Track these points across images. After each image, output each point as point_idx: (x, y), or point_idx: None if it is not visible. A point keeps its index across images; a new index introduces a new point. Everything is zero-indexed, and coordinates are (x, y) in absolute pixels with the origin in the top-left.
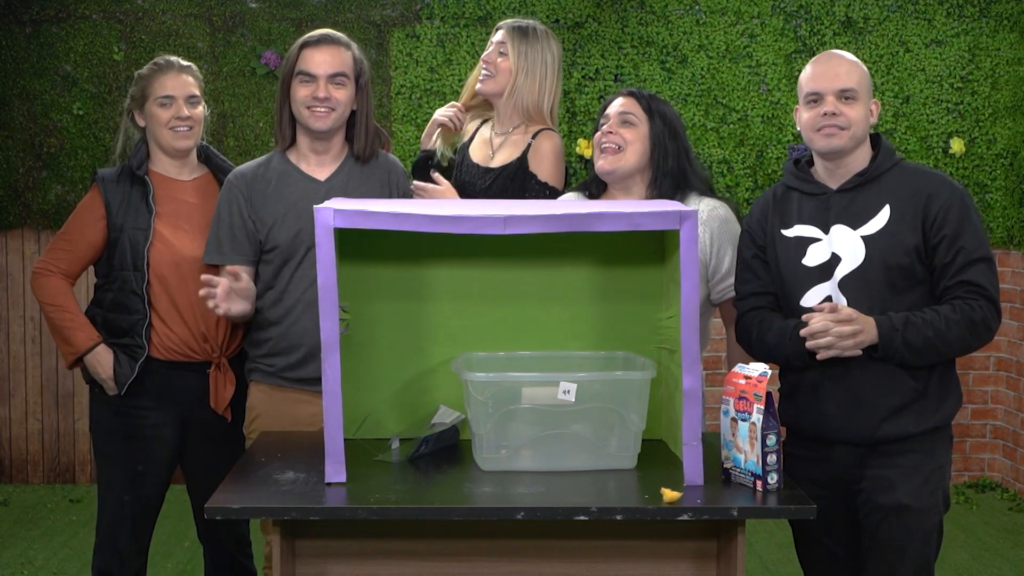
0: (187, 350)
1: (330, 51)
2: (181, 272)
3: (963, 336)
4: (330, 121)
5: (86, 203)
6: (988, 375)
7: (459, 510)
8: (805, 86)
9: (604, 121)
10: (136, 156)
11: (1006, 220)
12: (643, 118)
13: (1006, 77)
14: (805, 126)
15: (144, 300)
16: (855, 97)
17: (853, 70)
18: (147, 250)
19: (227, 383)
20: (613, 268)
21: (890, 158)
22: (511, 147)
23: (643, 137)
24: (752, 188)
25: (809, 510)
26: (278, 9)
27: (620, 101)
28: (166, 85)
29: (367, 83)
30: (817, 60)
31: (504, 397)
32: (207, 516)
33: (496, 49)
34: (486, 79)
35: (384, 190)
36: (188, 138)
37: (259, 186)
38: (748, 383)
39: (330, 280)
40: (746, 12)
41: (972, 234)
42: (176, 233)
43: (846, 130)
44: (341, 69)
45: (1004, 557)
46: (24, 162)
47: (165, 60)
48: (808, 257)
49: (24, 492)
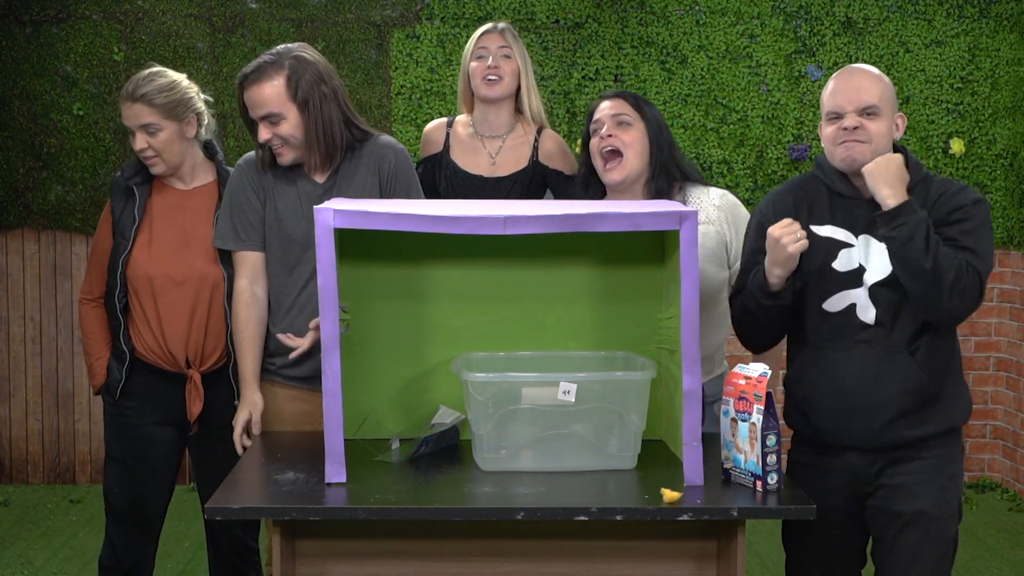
0: (157, 360)
1: (256, 90)
2: (153, 286)
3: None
4: (289, 157)
5: (102, 214)
6: (988, 375)
7: (459, 510)
8: (827, 103)
9: (597, 126)
10: (131, 165)
11: (1006, 220)
12: (636, 117)
13: (1006, 77)
14: (827, 141)
15: (119, 307)
16: (877, 113)
17: (874, 85)
18: (123, 259)
19: (195, 398)
20: (613, 268)
21: (918, 171)
22: (513, 151)
23: (641, 136)
24: (752, 188)
25: (809, 510)
26: (278, 9)
27: (609, 104)
28: (123, 115)
29: (311, 95)
30: (839, 76)
31: (504, 397)
32: (207, 516)
33: (499, 52)
34: (493, 83)
35: (374, 178)
36: (156, 165)
37: (268, 175)
38: (748, 383)
39: (330, 280)
40: (746, 12)
41: (982, 239)
42: (156, 247)
43: (866, 144)
44: (267, 110)
45: (1004, 557)
46: (24, 162)
47: (129, 86)
48: (839, 261)
49: (24, 492)
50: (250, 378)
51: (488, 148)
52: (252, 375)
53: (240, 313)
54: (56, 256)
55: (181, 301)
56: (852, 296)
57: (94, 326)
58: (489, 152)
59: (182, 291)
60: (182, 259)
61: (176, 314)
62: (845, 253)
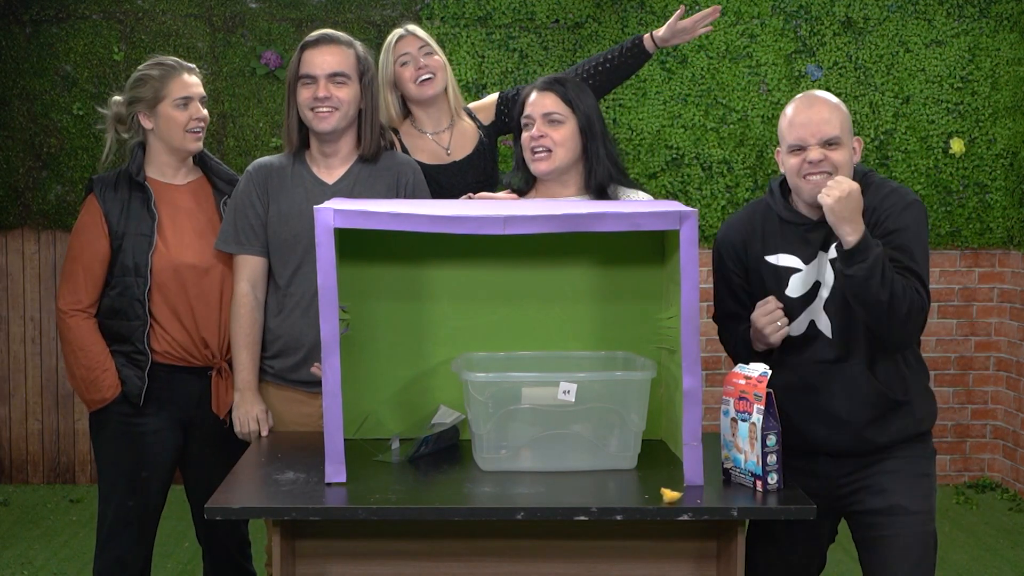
0: (187, 355)
1: (329, 50)
2: (180, 278)
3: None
4: (334, 121)
5: (86, 219)
6: (988, 375)
7: (459, 510)
8: (788, 135)
9: (529, 122)
10: (134, 161)
11: (1006, 220)
12: (568, 114)
13: (1006, 77)
14: (790, 172)
15: (145, 306)
16: (839, 143)
17: (834, 116)
18: (151, 256)
19: (229, 388)
20: (613, 268)
21: (863, 180)
22: (461, 137)
23: (572, 134)
24: (752, 188)
25: (809, 510)
26: (278, 9)
27: (541, 101)
28: (184, 86)
29: (372, 81)
30: (798, 108)
31: (504, 397)
32: (207, 516)
33: (420, 51)
34: (427, 82)
35: (391, 193)
36: (200, 139)
37: (275, 180)
38: (748, 383)
39: (330, 280)
40: (746, 12)
41: (916, 252)
42: (176, 239)
43: (834, 175)
44: (340, 68)
45: (1004, 557)
46: (24, 162)
47: (174, 61)
48: (790, 287)
49: (24, 492)
50: (252, 380)
51: (440, 142)
52: (253, 377)
53: (242, 316)
54: (56, 256)
55: (210, 290)
56: (811, 313)
57: (91, 337)
58: (441, 145)
59: (209, 279)
60: (202, 249)
61: (207, 303)
62: (796, 278)
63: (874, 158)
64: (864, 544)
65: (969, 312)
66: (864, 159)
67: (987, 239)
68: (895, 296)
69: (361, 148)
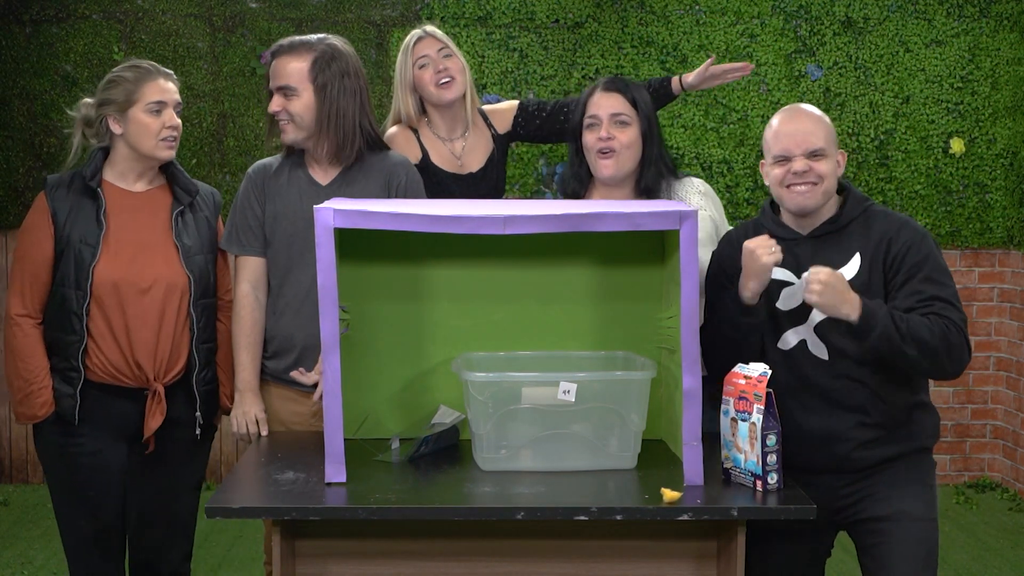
0: (119, 375)
1: (282, 60)
2: (120, 294)
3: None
4: (291, 136)
5: (34, 218)
6: (988, 375)
7: (459, 510)
8: (772, 146)
9: (594, 122)
10: (91, 165)
11: (1006, 220)
12: (633, 116)
13: (1006, 77)
14: (774, 182)
15: (83, 321)
16: (824, 154)
17: (819, 128)
18: (92, 268)
19: (156, 412)
20: (613, 268)
21: (858, 205)
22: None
23: (636, 137)
24: (752, 188)
25: (809, 510)
26: (278, 9)
27: (608, 101)
28: (159, 91)
29: (332, 83)
30: (783, 120)
31: (504, 397)
32: (208, 516)
33: (439, 53)
34: (448, 84)
35: (384, 193)
36: (173, 148)
37: (272, 181)
38: (748, 383)
39: (330, 280)
40: (746, 12)
41: (941, 277)
42: (121, 253)
43: (818, 185)
44: (286, 82)
45: (1004, 557)
46: (24, 162)
47: (151, 65)
48: (781, 301)
49: (24, 492)
50: (252, 381)
51: (452, 150)
52: (253, 378)
53: (243, 317)
54: None
55: (150, 310)
56: (801, 333)
57: (34, 347)
58: (453, 153)
59: (149, 299)
60: (145, 265)
61: (144, 324)
62: (786, 292)
63: (874, 158)
64: (866, 550)
65: (969, 312)
66: (864, 159)
67: (987, 239)
68: (923, 343)
69: (340, 155)
